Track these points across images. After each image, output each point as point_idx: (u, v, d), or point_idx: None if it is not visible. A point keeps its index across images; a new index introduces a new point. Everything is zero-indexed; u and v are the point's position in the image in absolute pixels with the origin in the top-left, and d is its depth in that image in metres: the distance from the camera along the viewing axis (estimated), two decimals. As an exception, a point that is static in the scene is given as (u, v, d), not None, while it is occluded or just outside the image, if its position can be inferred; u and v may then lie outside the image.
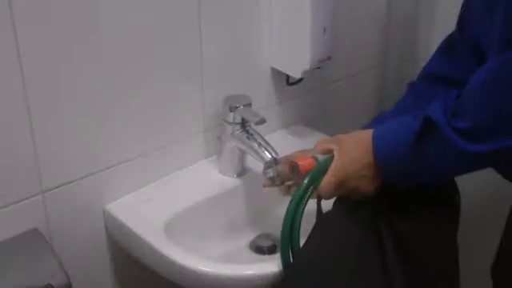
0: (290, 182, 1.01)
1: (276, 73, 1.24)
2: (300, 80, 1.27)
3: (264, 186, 1.04)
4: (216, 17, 1.11)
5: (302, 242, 0.93)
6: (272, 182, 1.03)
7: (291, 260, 0.93)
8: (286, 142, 1.25)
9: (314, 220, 0.94)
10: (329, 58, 1.20)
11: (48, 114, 0.96)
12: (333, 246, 0.91)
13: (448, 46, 1.00)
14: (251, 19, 1.17)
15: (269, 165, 1.04)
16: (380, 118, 1.04)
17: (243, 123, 1.11)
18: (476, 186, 1.15)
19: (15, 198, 0.97)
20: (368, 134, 0.90)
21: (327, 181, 0.91)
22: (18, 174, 0.96)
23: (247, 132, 1.11)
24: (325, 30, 1.16)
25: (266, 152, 1.07)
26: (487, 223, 1.18)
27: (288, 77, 1.26)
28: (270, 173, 1.02)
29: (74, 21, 0.94)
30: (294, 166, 0.96)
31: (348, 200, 0.93)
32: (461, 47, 0.96)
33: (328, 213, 0.95)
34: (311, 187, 0.92)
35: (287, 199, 0.94)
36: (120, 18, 0.99)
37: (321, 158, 0.95)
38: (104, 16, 0.97)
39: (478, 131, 0.78)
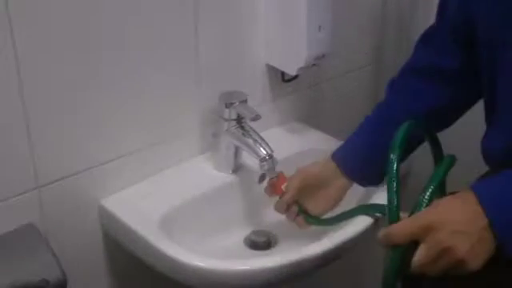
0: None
1: (271, 69, 1.24)
2: (295, 77, 1.27)
3: (266, 192, 1.07)
4: (212, 14, 1.11)
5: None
6: (273, 189, 1.06)
7: None
8: (281, 139, 1.25)
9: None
10: (324, 56, 1.20)
11: (44, 109, 0.96)
12: None
13: (427, 37, 1.00)
14: (247, 16, 1.17)
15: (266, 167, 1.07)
16: (365, 123, 1.05)
17: (239, 119, 1.11)
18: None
19: (10, 192, 0.97)
20: (469, 195, 0.72)
21: (404, 221, 0.74)
22: (13, 168, 0.96)
23: (243, 128, 1.11)
24: (320, 27, 1.16)
25: (262, 148, 1.08)
26: None
27: (283, 74, 1.26)
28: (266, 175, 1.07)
29: (72, 18, 0.94)
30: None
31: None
32: (440, 35, 0.95)
33: None
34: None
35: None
36: (117, 15, 0.99)
37: None
38: (100, 12, 0.97)
39: None
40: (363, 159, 1.02)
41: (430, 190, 0.76)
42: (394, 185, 0.77)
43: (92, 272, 1.12)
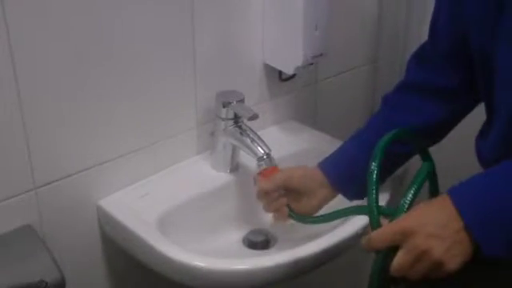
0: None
1: (269, 69, 1.24)
2: (293, 76, 1.28)
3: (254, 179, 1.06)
4: (209, 13, 1.11)
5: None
6: (261, 177, 1.05)
7: None
8: (278, 138, 1.25)
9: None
10: (321, 55, 1.20)
11: (41, 110, 0.95)
12: None
13: (420, 56, 1.00)
14: (244, 15, 1.17)
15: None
16: (356, 136, 1.03)
17: (236, 119, 1.11)
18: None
19: (8, 194, 0.97)
20: (446, 199, 0.73)
21: (383, 227, 0.75)
22: (10, 169, 0.96)
23: (240, 128, 1.11)
24: (317, 26, 1.16)
25: (259, 147, 1.08)
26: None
27: (281, 73, 1.26)
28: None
29: (69, 19, 0.93)
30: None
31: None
32: (433, 56, 0.96)
33: None
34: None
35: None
36: (114, 15, 0.99)
37: None
38: (98, 13, 0.97)
39: None
40: (350, 172, 1.00)
41: (411, 194, 0.77)
42: (374, 193, 0.79)
43: (90, 273, 1.12)
